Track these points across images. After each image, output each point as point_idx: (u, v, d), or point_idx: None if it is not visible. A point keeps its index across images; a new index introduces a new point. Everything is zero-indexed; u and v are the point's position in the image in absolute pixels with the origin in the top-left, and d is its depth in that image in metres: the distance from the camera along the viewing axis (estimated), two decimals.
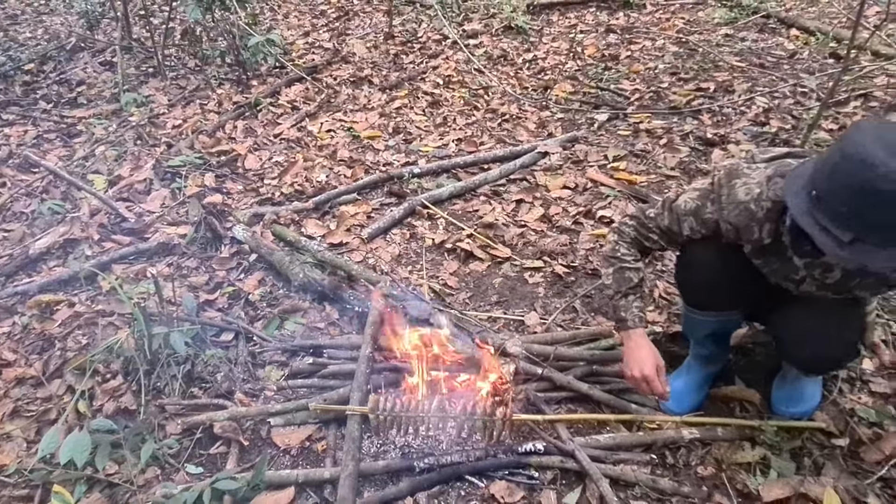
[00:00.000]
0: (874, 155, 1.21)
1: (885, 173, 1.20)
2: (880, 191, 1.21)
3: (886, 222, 1.23)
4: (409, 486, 1.78)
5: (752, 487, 1.74)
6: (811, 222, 1.32)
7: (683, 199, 1.70)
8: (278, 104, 4.22)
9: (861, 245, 1.26)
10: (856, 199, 1.25)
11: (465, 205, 3.11)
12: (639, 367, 1.76)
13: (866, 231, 1.25)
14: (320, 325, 2.38)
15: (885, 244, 1.25)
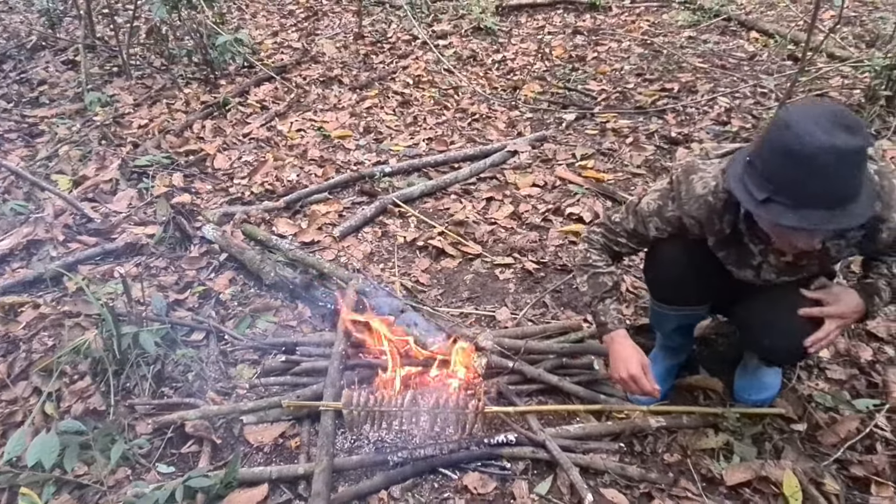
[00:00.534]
0: (795, 120, 1.30)
1: (798, 134, 1.28)
2: (791, 150, 1.29)
3: (795, 182, 1.31)
4: (384, 480, 1.80)
5: (715, 472, 1.80)
6: (739, 184, 1.41)
7: (646, 201, 1.74)
8: (247, 104, 4.19)
9: (774, 204, 1.34)
10: (773, 159, 1.34)
11: (436, 203, 3.14)
12: (625, 367, 1.77)
13: (778, 190, 1.33)
14: (292, 323, 2.38)
15: (797, 205, 1.32)
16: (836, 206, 1.31)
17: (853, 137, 1.27)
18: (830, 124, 1.28)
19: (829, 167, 1.27)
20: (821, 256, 1.63)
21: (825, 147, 1.26)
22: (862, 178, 1.34)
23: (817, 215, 1.31)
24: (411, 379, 2.04)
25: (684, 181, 1.64)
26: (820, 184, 1.29)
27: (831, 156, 1.26)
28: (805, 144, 1.27)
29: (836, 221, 1.32)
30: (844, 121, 1.29)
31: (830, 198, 1.31)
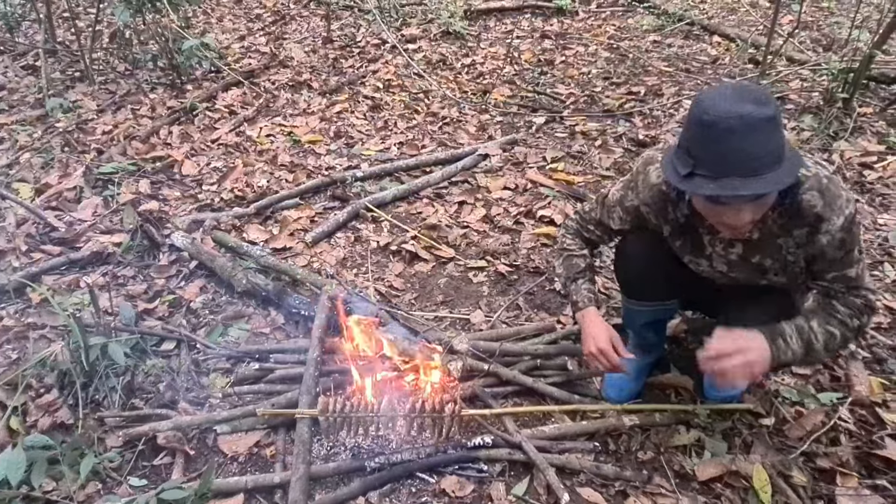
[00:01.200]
0: (709, 97, 1.37)
1: (707, 107, 1.35)
2: (701, 121, 1.36)
3: (709, 151, 1.36)
4: (361, 486, 1.79)
5: (688, 468, 1.83)
6: (668, 164, 1.47)
7: (611, 192, 1.84)
8: (215, 109, 4.13)
9: (696, 177, 1.39)
10: (691, 134, 1.40)
11: (409, 207, 3.14)
12: (593, 342, 1.83)
13: (699, 163, 1.38)
14: (265, 331, 2.35)
15: (715, 175, 1.36)
16: (751, 174, 1.35)
17: (758, 107, 1.33)
18: (737, 97, 1.35)
19: (735, 132, 1.33)
20: (772, 253, 1.64)
21: (730, 114, 1.32)
22: (777, 149, 1.36)
23: (733, 183, 1.35)
24: (388, 384, 2.04)
25: (642, 171, 1.72)
26: (730, 150, 1.34)
27: (735, 121, 1.32)
28: (711, 113, 1.35)
29: (749, 187, 1.35)
30: (752, 94, 1.36)
31: (744, 165, 1.34)
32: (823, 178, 1.52)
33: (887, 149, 3.52)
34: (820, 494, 1.76)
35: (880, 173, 3.29)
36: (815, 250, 1.58)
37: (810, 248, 1.59)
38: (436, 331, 2.25)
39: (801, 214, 1.54)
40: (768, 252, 1.66)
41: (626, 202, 1.78)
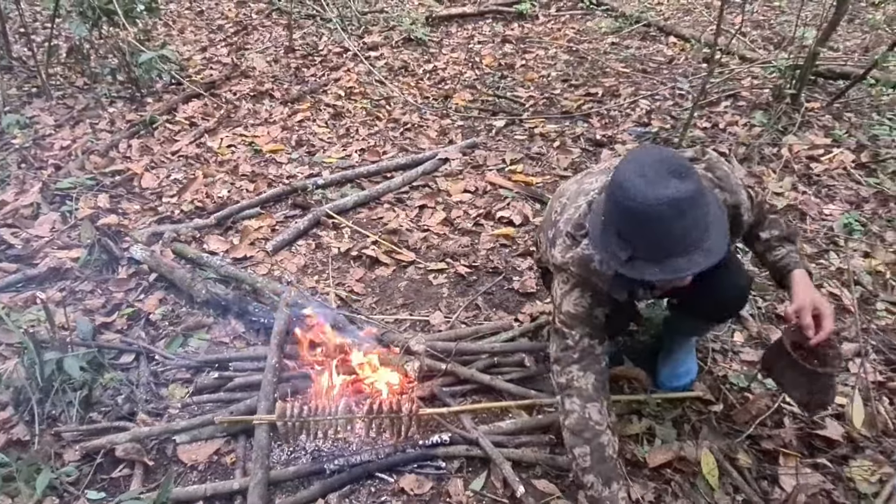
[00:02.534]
0: (630, 181, 1.33)
1: (632, 194, 1.32)
2: (630, 209, 1.33)
3: (649, 240, 1.35)
4: (320, 489, 1.82)
5: (639, 456, 1.89)
6: (602, 248, 1.45)
7: (572, 307, 1.65)
8: (175, 121, 4.12)
9: (638, 261, 1.37)
10: (624, 221, 1.37)
11: (370, 213, 3.17)
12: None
13: (638, 248, 1.36)
14: (226, 340, 2.37)
15: (657, 259, 1.36)
16: (692, 248, 1.35)
17: (683, 182, 1.31)
18: (658, 175, 1.32)
19: (668, 218, 1.31)
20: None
21: (659, 200, 1.29)
22: (706, 215, 1.37)
23: (677, 263, 1.35)
24: (347, 387, 2.06)
25: (590, 274, 1.61)
26: (667, 235, 1.33)
27: (665, 207, 1.30)
28: (638, 201, 1.31)
29: (696, 264, 1.35)
30: (671, 167, 1.33)
31: (682, 244, 1.34)
32: (713, 170, 1.61)
33: (833, 142, 3.64)
34: (764, 475, 1.83)
35: (826, 165, 3.41)
36: (741, 229, 1.70)
37: (737, 231, 1.70)
38: (393, 333, 2.28)
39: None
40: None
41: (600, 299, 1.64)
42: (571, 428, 1.62)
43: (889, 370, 2.17)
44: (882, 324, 2.39)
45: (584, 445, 1.59)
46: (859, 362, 2.16)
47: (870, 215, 3.02)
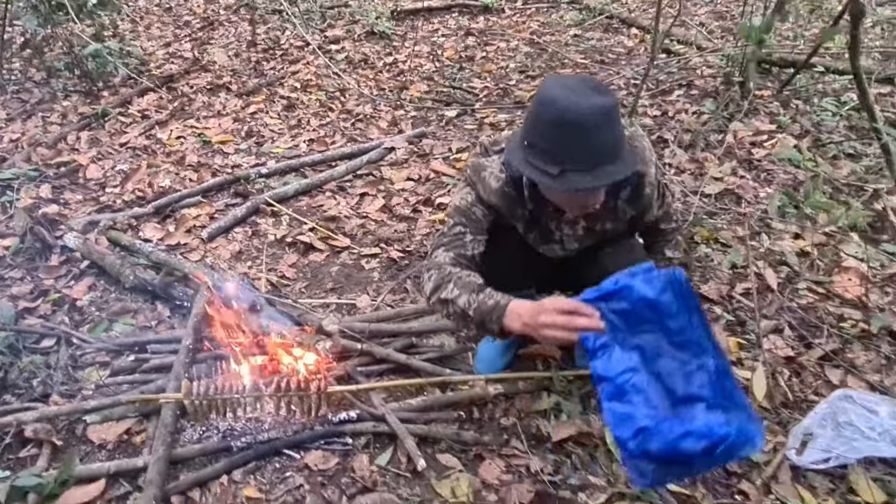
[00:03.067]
0: (561, 96, 1.40)
1: (566, 106, 1.39)
2: (570, 123, 1.39)
3: (582, 148, 1.42)
4: (226, 465, 1.83)
5: (545, 431, 1.91)
6: (529, 167, 1.49)
7: (459, 199, 1.76)
8: (128, 114, 4.13)
9: (569, 174, 1.43)
10: (553, 134, 1.43)
11: (311, 201, 3.19)
12: (552, 306, 1.44)
13: (569, 160, 1.43)
14: (151, 324, 2.38)
15: (588, 168, 1.43)
16: (616, 158, 1.44)
17: (605, 97, 1.42)
18: (584, 90, 1.41)
19: (599, 125, 1.40)
20: (611, 217, 1.79)
21: (591, 109, 1.38)
22: (622, 132, 1.48)
23: (606, 171, 1.43)
24: (263, 367, 2.08)
25: (478, 180, 1.72)
26: (598, 142, 1.42)
27: (597, 115, 1.39)
28: (574, 111, 1.39)
29: (621, 171, 1.45)
30: (592, 85, 1.44)
31: (609, 152, 1.44)
32: (632, 139, 1.66)
33: (777, 128, 3.67)
34: None
35: (768, 150, 3.44)
36: (643, 203, 1.76)
37: (638, 203, 1.76)
38: (311, 314, 2.30)
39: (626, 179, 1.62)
40: (608, 218, 1.80)
41: (480, 201, 1.73)
42: (433, 286, 1.66)
43: (801, 345, 2.20)
44: (803, 302, 2.42)
45: (447, 285, 1.63)
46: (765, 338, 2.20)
47: (804, 198, 3.04)
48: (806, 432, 1.78)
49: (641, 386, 1.33)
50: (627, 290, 1.39)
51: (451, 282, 1.63)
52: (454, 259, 1.70)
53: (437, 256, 1.72)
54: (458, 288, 1.61)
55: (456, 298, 1.61)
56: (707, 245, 2.74)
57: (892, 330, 2.24)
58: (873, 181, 3.13)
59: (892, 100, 4.02)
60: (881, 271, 2.57)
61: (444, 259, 1.70)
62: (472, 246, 1.73)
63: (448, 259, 1.70)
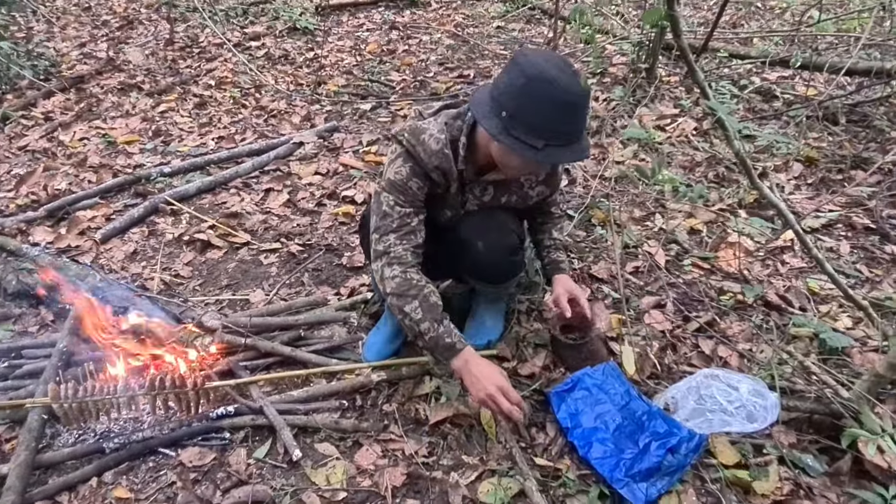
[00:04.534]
0: (553, 74, 1.49)
1: (566, 87, 1.48)
2: (566, 103, 1.50)
3: (567, 125, 1.53)
4: (96, 468, 1.79)
5: (423, 414, 1.93)
6: (509, 138, 1.54)
7: (394, 172, 1.75)
8: (31, 116, 4.00)
9: (551, 148, 1.53)
10: (545, 110, 1.50)
11: (214, 198, 3.14)
12: (491, 382, 1.66)
13: (554, 135, 1.52)
14: (33, 329, 2.31)
15: (568, 143, 1.55)
16: (582, 136, 1.59)
17: (580, 79, 1.52)
18: (569, 70, 1.52)
19: (585, 106, 1.56)
20: (516, 191, 1.91)
21: (583, 91, 1.51)
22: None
23: (578, 147, 1.58)
24: (141, 366, 2.04)
25: (417, 143, 1.73)
26: (577, 122, 1.56)
27: (586, 97, 1.54)
28: (572, 93, 1.49)
29: (586, 148, 1.60)
30: (569, 67, 1.53)
31: (581, 132, 1.59)
32: None
33: (681, 111, 3.78)
34: (535, 422, 1.89)
35: (669, 134, 3.53)
36: (555, 184, 1.93)
37: (552, 182, 1.92)
38: (193, 311, 2.27)
39: None
40: (514, 190, 1.90)
41: (417, 170, 1.73)
42: (395, 291, 1.74)
43: (679, 319, 2.27)
44: (688, 278, 2.50)
45: (412, 301, 1.72)
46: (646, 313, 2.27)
47: (699, 178, 3.15)
48: (668, 401, 1.84)
49: (608, 437, 1.76)
50: (580, 380, 1.89)
51: (417, 299, 1.72)
52: (413, 253, 1.77)
53: (392, 246, 1.75)
54: (423, 311, 1.72)
55: (419, 321, 1.73)
56: (602, 227, 2.80)
57: (768, 300, 2.33)
58: (763, 160, 3.25)
59: (791, 82, 4.18)
60: (765, 246, 2.67)
61: (402, 252, 1.75)
62: (418, 230, 1.79)
63: (408, 254, 1.76)
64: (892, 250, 2.58)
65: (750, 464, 1.71)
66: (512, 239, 1.93)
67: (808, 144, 3.33)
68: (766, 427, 1.76)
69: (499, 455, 1.79)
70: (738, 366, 2.04)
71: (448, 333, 1.72)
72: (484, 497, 1.67)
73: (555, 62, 1.52)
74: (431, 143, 1.72)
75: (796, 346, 2.09)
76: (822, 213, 2.80)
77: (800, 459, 1.71)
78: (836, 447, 1.71)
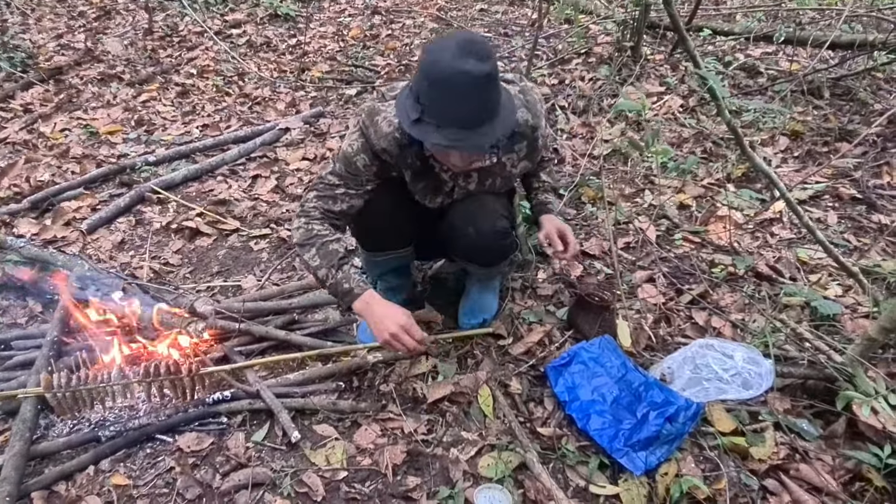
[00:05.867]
0: (436, 49, 1.45)
1: (436, 61, 1.44)
2: (430, 75, 1.45)
3: (435, 103, 1.46)
4: (92, 456, 1.77)
5: (420, 393, 1.93)
6: (400, 108, 1.56)
7: (347, 145, 1.77)
8: (9, 108, 3.92)
9: (423, 124, 1.49)
10: (420, 84, 1.48)
11: (201, 186, 3.11)
12: (393, 321, 1.68)
13: (426, 111, 1.48)
14: (21, 321, 2.28)
15: (440, 125, 1.47)
16: (474, 126, 1.48)
17: (481, 63, 1.42)
18: (461, 52, 1.42)
19: (474, 91, 1.44)
20: (500, 172, 1.84)
21: (454, 70, 1.41)
22: (495, 102, 1.51)
23: (456, 134, 1.47)
24: (135, 354, 2.02)
25: (370, 124, 1.72)
26: (455, 105, 1.45)
27: (459, 77, 1.41)
28: (441, 70, 1.43)
29: (471, 140, 1.48)
30: (474, 48, 1.44)
31: (467, 118, 1.47)
32: (525, 93, 1.72)
33: (666, 89, 3.78)
34: (532, 398, 1.90)
35: (656, 111, 3.54)
36: (537, 155, 1.86)
37: (534, 155, 1.85)
38: (185, 298, 2.25)
39: (520, 133, 1.74)
40: (498, 173, 1.85)
41: (367, 148, 1.73)
42: (298, 241, 1.77)
43: (672, 292, 2.29)
44: (679, 252, 2.51)
45: (311, 248, 1.74)
46: (639, 287, 2.28)
47: (686, 154, 3.16)
48: (665, 371, 1.86)
49: (606, 409, 1.78)
50: (577, 354, 1.91)
51: (315, 247, 1.74)
52: (322, 212, 1.78)
53: (308, 201, 1.80)
54: (320, 257, 1.73)
55: (316, 268, 1.74)
56: (593, 204, 2.81)
57: (759, 271, 2.35)
58: (750, 135, 3.27)
59: (775, 58, 4.20)
60: (753, 218, 2.69)
61: (312, 208, 1.78)
62: (341, 199, 1.78)
63: (317, 212, 1.77)
64: (878, 219, 2.61)
65: (746, 430, 1.73)
66: (502, 223, 1.90)
67: (794, 118, 3.35)
68: (761, 394, 1.78)
69: (498, 430, 1.80)
70: (732, 335, 2.06)
71: (346, 279, 1.72)
72: (485, 471, 1.68)
73: (453, 46, 1.44)
74: (384, 126, 1.70)
75: (788, 314, 2.11)
76: (809, 184, 2.83)
77: (795, 424, 1.73)
78: (831, 411, 1.74)
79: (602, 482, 1.64)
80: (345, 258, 1.76)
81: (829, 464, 1.64)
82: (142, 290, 2.26)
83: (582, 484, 1.65)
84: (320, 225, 1.76)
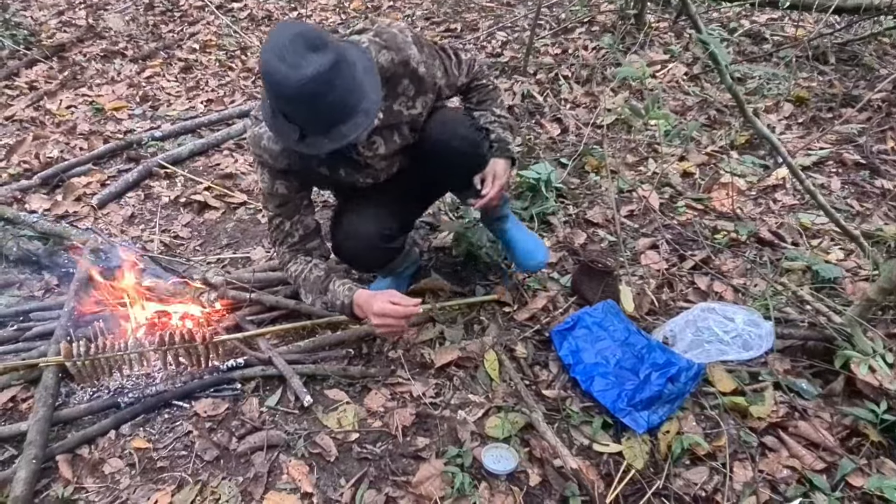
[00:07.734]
0: (274, 66, 1.34)
1: (277, 80, 1.34)
2: (289, 97, 1.37)
3: (310, 116, 1.41)
4: (113, 421, 1.84)
5: (428, 358, 1.98)
6: (276, 130, 1.49)
7: (260, 182, 1.79)
8: (15, 86, 3.94)
9: (309, 138, 1.44)
10: (282, 104, 1.41)
11: (207, 160, 3.14)
12: (377, 304, 1.67)
13: (305, 125, 1.43)
14: (37, 294, 2.33)
15: (324, 131, 1.42)
16: (352, 113, 1.42)
17: (320, 55, 1.33)
18: (296, 54, 1.32)
19: (318, 94, 1.35)
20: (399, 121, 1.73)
21: (303, 79, 1.32)
22: (354, 79, 1.41)
23: (341, 130, 1.42)
24: (150, 323, 2.08)
25: (261, 151, 1.67)
26: (323, 108, 1.39)
27: (312, 84, 1.33)
28: (287, 86, 1.34)
29: (358, 126, 1.43)
30: (307, 42, 1.33)
31: (341, 112, 1.41)
32: (380, 34, 1.61)
33: (671, 57, 3.76)
34: (538, 361, 1.95)
35: (660, 79, 3.53)
36: (428, 83, 1.70)
37: (423, 85, 1.69)
38: (197, 269, 2.29)
39: (393, 75, 1.61)
40: (395, 125, 1.74)
41: (275, 174, 1.71)
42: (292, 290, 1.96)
43: (675, 258, 2.32)
44: (682, 219, 2.54)
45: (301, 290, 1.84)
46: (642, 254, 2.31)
47: (690, 121, 3.16)
48: (667, 334, 1.90)
49: (609, 371, 1.83)
50: (580, 319, 1.95)
51: (301, 287, 1.83)
52: (289, 250, 1.84)
53: (276, 254, 1.89)
54: (309, 293, 1.82)
55: (312, 303, 1.85)
56: (596, 173, 2.83)
57: (761, 237, 2.38)
58: (754, 102, 3.26)
59: (781, 23, 4.16)
60: (756, 185, 2.70)
61: (281, 255, 1.85)
62: (293, 229, 1.82)
63: (286, 255, 1.84)
64: (881, 184, 2.62)
65: (746, 389, 1.77)
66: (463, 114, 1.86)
67: (799, 84, 3.34)
68: (761, 355, 1.82)
69: (504, 393, 1.85)
70: (734, 299, 2.10)
71: (335, 297, 1.75)
72: (492, 431, 1.73)
73: (283, 43, 1.34)
74: (272, 146, 1.65)
75: (789, 278, 2.14)
76: (813, 150, 2.83)
77: (794, 384, 1.78)
78: (830, 370, 1.78)
79: (605, 441, 1.70)
80: (326, 279, 1.78)
81: (827, 421, 1.69)
82: (154, 262, 2.30)
83: (586, 443, 1.70)
84: (294, 265, 1.83)
